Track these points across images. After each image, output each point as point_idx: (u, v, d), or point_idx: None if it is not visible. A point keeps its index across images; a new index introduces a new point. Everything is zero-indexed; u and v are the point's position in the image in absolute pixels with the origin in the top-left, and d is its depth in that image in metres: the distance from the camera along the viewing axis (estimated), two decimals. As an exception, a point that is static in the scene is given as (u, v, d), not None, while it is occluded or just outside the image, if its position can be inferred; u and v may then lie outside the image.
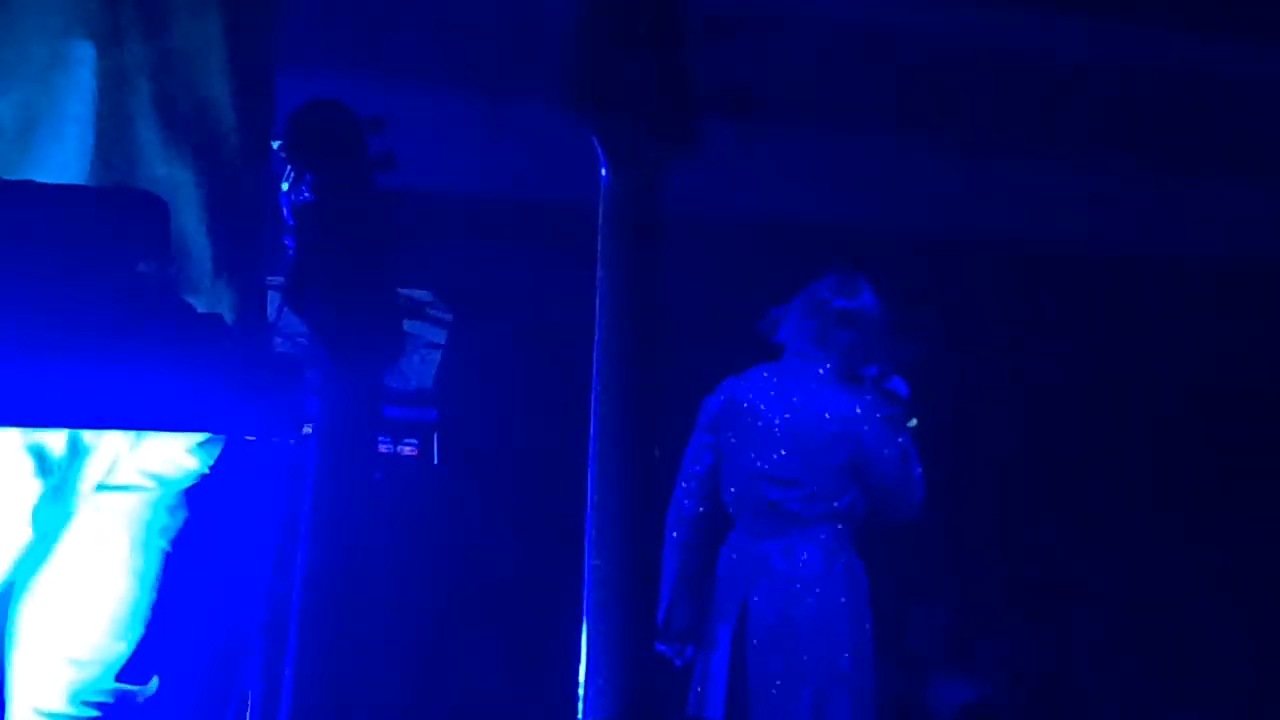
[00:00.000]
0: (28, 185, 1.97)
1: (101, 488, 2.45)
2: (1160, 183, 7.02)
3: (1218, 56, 6.67)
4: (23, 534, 2.39)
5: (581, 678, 2.13)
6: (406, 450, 4.27)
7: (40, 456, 2.36)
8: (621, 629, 2.12)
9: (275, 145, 2.39)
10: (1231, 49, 6.65)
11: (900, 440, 4.79)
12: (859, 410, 4.78)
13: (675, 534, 4.86)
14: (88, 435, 2.38)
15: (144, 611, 2.50)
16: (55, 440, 2.37)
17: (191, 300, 1.84)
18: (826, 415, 4.78)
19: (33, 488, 2.37)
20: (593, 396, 2.19)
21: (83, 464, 2.42)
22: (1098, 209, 6.93)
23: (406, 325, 2.39)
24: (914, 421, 4.85)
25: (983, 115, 6.60)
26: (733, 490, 4.86)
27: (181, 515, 2.53)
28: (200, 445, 2.49)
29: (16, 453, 2.34)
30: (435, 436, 4.26)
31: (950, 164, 6.73)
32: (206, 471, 2.53)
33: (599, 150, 2.21)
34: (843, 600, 4.71)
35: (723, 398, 4.92)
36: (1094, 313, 7.13)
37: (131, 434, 2.41)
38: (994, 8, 6.44)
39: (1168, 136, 6.78)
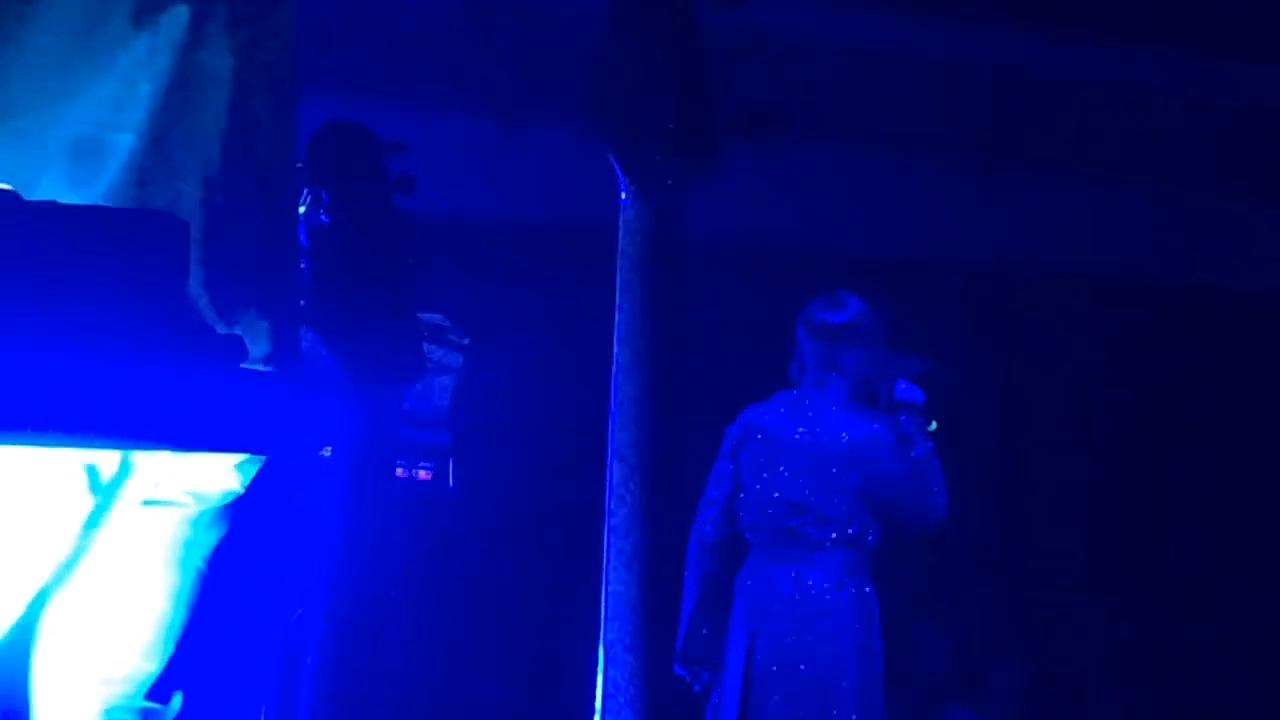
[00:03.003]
0: (50, 206, 1.97)
1: (146, 504, 2.47)
2: (1181, 209, 7.01)
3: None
4: (67, 548, 2.41)
5: (597, 703, 2.13)
6: (421, 474, 4.27)
7: (92, 474, 2.39)
8: (638, 654, 2.12)
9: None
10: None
11: (917, 454, 4.76)
12: (873, 433, 4.77)
13: (695, 560, 4.86)
14: (137, 453, 2.41)
15: (176, 630, 2.52)
16: (107, 458, 2.39)
17: (221, 322, 1.84)
18: (839, 438, 4.78)
19: (84, 504, 2.39)
20: (610, 420, 2.18)
21: (128, 480, 2.44)
22: (1126, 234, 6.90)
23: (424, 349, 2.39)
24: (934, 425, 4.82)
25: (1006, 138, 6.60)
26: (748, 515, 4.86)
27: (217, 534, 2.54)
28: (241, 464, 2.51)
29: (71, 469, 2.37)
30: (450, 461, 4.25)
31: (971, 187, 6.71)
32: (242, 491, 2.54)
33: (618, 173, 2.21)
34: (850, 629, 4.69)
35: (742, 424, 4.93)
36: (1111, 339, 7.10)
37: (175, 452, 2.43)
38: (1018, 31, 6.44)
39: (1189, 163, 6.76)
